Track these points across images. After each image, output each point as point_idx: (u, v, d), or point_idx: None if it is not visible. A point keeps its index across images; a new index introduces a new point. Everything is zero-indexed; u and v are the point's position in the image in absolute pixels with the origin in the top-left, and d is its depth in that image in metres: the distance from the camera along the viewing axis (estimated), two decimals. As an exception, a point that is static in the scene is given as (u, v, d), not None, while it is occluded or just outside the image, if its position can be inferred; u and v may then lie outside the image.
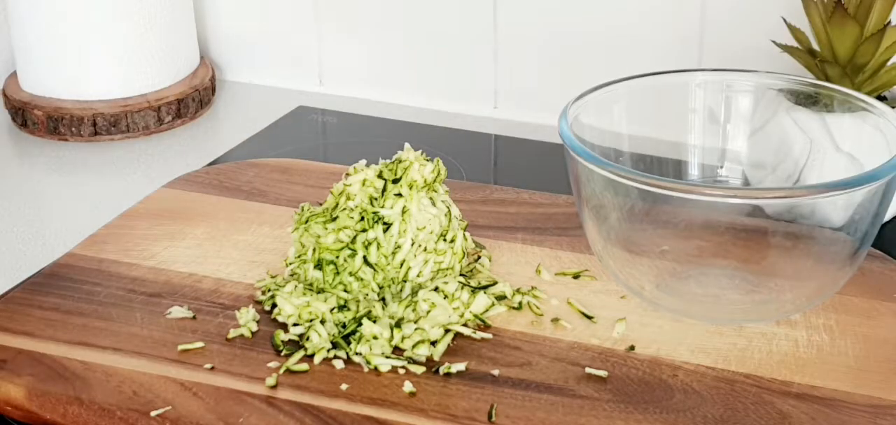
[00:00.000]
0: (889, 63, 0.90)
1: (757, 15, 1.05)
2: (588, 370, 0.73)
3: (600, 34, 1.13)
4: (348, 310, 0.77)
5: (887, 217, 0.92)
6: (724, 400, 0.70)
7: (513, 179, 1.03)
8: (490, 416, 0.69)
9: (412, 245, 0.79)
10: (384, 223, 0.79)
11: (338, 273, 0.79)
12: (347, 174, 0.81)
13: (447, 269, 0.80)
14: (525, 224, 0.90)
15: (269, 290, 0.81)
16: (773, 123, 0.87)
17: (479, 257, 0.85)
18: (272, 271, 0.84)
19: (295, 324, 0.77)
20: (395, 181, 0.80)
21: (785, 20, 0.93)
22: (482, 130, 1.16)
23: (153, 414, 0.70)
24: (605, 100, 0.83)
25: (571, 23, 1.13)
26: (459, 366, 0.73)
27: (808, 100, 0.86)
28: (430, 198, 0.81)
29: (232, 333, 0.77)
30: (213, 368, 0.74)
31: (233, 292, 0.82)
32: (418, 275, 0.79)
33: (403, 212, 0.79)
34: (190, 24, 1.23)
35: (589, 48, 1.13)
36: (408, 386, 0.72)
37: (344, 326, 0.76)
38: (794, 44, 0.93)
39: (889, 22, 0.88)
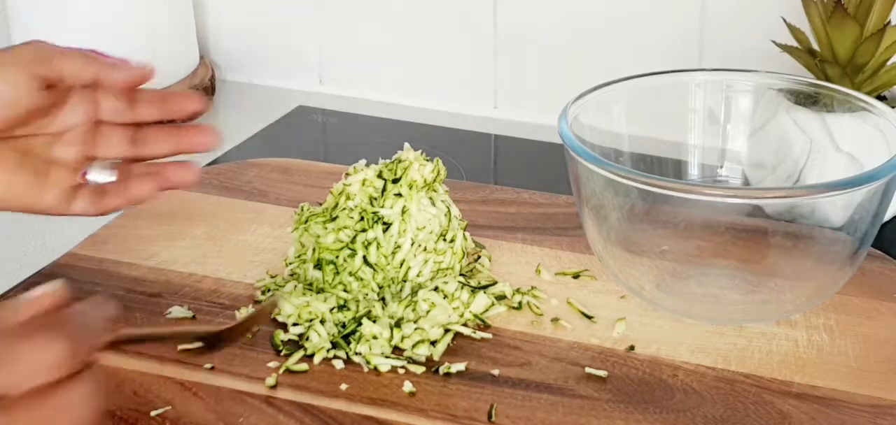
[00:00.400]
0: (889, 63, 0.90)
1: (757, 15, 1.05)
2: (588, 370, 0.73)
3: (600, 34, 1.13)
4: (348, 309, 0.77)
5: (887, 217, 0.92)
6: (724, 400, 0.70)
7: (513, 179, 1.03)
8: (490, 416, 0.69)
9: (412, 245, 0.79)
10: (384, 223, 0.79)
11: (338, 273, 0.79)
12: (347, 174, 0.81)
13: (447, 269, 0.80)
14: (525, 224, 0.90)
15: (268, 290, 0.81)
16: (773, 123, 0.87)
17: (479, 257, 0.85)
18: (272, 271, 0.84)
19: (295, 324, 0.77)
20: (395, 181, 0.80)
21: (785, 20, 0.93)
22: (482, 130, 1.16)
23: (153, 413, 0.70)
24: (604, 100, 0.83)
25: (571, 23, 1.13)
26: (459, 366, 0.73)
27: (808, 100, 0.86)
28: (430, 198, 0.81)
29: (232, 333, 0.77)
30: (213, 368, 0.73)
31: (233, 292, 0.82)
32: (418, 275, 0.79)
33: (403, 212, 0.79)
34: (190, 24, 1.23)
35: (589, 48, 1.13)
36: (408, 386, 0.72)
37: (344, 326, 0.76)
38: (794, 44, 0.93)
39: (889, 22, 0.88)
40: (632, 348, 0.75)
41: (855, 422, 0.68)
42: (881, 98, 0.92)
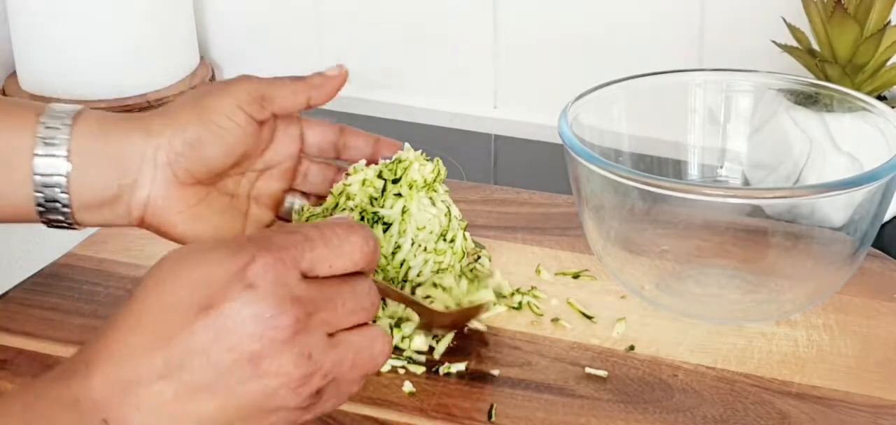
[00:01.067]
0: (889, 63, 0.90)
1: (757, 15, 1.05)
2: (588, 370, 0.73)
3: (600, 34, 1.13)
4: (348, 309, 0.77)
5: (887, 217, 0.92)
6: (724, 400, 0.70)
7: (513, 179, 1.03)
8: (490, 416, 0.69)
9: (412, 245, 0.79)
10: (384, 223, 0.79)
11: (338, 273, 0.79)
12: (347, 174, 0.81)
13: (447, 269, 0.80)
14: (525, 224, 0.90)
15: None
16: (773, 123, 0.87)
17: (479, 257, 0.84)
18: (272, 271, 0.84)
19: (295, 324, 0.77)
20: (395, 181, 0.80)
21: (785, 20, 0.93)
22: (482, 130, 1.16)
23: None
24: (604, 100, 0.83)
25: (571, 23, 1.13)
26: (459, 366, 0.73)
27: (808, 100, 0.86)
28: (430, 198, 0.80)
29: (232, 333, 0.77)
30: (213, 368, 0.73)
31: (233, 292, 0.82)
32: (418, 275, 0.79)
33: (403, 212, 0.79)
34: (190, 24, 1.23)
35: (589, 48, 1.13)
36: (408, 386, 0.72)
37: (344, 326, 0.76)
38: (794, 44, 0.93)
39: (889, 22, 0.89)
40: (632, 348, 0.75)
41: (855, 422, 0.68)
42: (881, 98, 0.92)
